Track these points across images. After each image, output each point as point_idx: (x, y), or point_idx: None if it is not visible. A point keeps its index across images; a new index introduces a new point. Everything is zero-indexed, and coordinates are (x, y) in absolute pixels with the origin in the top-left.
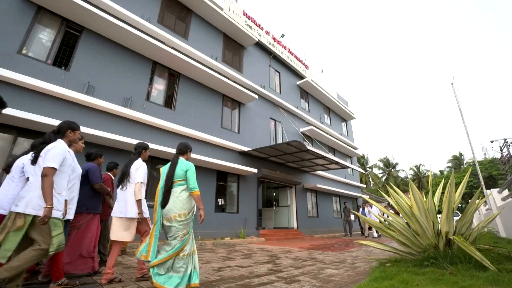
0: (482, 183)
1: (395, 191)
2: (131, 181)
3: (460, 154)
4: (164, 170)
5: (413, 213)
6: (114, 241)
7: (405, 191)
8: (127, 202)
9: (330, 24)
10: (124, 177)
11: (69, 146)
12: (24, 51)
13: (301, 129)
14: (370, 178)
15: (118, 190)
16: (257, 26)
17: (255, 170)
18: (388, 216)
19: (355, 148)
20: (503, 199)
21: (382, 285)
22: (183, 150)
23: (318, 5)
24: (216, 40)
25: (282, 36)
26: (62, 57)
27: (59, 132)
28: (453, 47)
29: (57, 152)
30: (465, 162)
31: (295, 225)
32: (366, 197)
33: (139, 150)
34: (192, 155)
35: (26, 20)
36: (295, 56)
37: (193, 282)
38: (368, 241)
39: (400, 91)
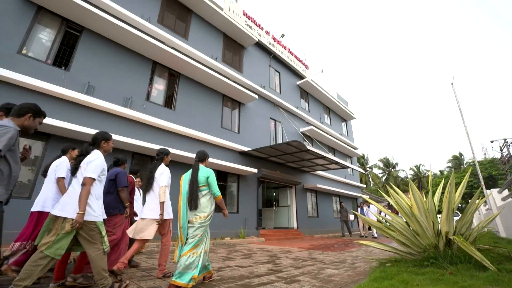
0: (482, 183)
1: (395, 191)
2: (156, 185)
3: (460, 154)
4: (186, 176)
5: (413, 213)
6: (138, 239)
7: (405, 191)
8: (153, 204)
9: (330, 24)
10: (150, 182)
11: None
12: (24, 51)
13: (301, 129)
14: (370, 178)
15: (145, 193)
16: (257, 26)
17: (255, 170)
18: (385, 215)
19: (355, 148)
20: (503, 199)
21: (382, 285)
22: (202, 157)
23: (318, 5)
24: (216, 40)
25: (282, 36)
26: (62, 57)
27: (94, 144)
28: (453, 47)
29: (98, 163)
30: (465, 162)
31: (295, 225)
32: (366, 197)
33: (161, 156)
34: (193, 156)
35: (26, 20)
36: (295, 56)
37: (194, 274)
38: (368, 241)
39: (400, 91)
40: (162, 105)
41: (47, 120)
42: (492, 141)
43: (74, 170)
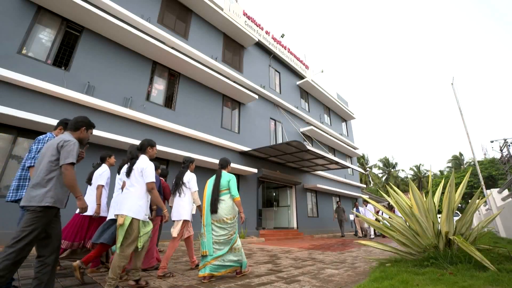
0: (482, 183)
1: (395, 191)
2: (185, 190)
3: (460, 154)
4: (210, 181)
5: (413, 213)
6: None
7: (405, 191)
8: (181, 207)
9: (330, 24)
10: (178, 187)
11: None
12: (24, 51)
13: (301, 129)
14: (370, 178)
15: (174, 197)
16: (257, 26)
17: (255, 170)
18: (382, 213)
19: (355, 148)
20: (503, 199)
21: (382, 285)
22: (224, 164)
23: (318, 5)
24: (216, 40)
25: (282, 36)
26: (62, 57)
27: (141, 149)
28: (453, 47)
29: (152, 169)
30: (465, 162)
31: (295, 225)
32: (366, 197)
33: (187, 164)
34: (192, 155)
35: (26, 20)
36: (295, 56)
37: (244, 270)
38: (368, 241)
39: (400, 91)
40: (162, 105)
41: (47, 120)
42: (492, 141)
43: (128, 172)
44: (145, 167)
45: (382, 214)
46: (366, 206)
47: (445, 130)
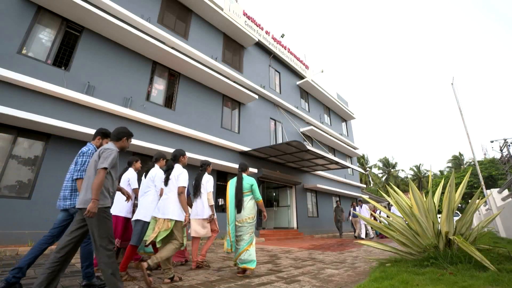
0: (482, 183)
1: (395, 191)
2: (203, 191)
3: (460, 154)
4: (232, 183)
5: (413, 213)
6: (194, 237)
7: (405, 191)
8: (202, 206)
9: (330, 24)
10: (198, 188)
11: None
12: (24, 51)
13: (301, 129)
14: (370, 178)
15: (194, 198)
16: (257, 26)
17: (255, 170)
18: (380, 212)
19: (355, 148)
20: (503, 199)
21: (382, 285)
22: (244, 168)
23: (318, 5)
24: (216, 40)
25: (282, 36)
26: (62, 57)
27: (175, 159)
28: (453, 47)
29: (185, 175)
30: (465, 162)
31: (295, 225)
32: (366, 197)
33: (205, 167)
34: (192, 155)
35: (26, 20)
36: (295, 56)
37: (252, 267)
38: (368, 241)
39: (400, 91)
40: (162, 105)
41: (47, 120)
42: (492, 141)
43: (166, 181)
44: (179, 174)
45: (380, 213)
46: (361, 206)
47: (445, 130)
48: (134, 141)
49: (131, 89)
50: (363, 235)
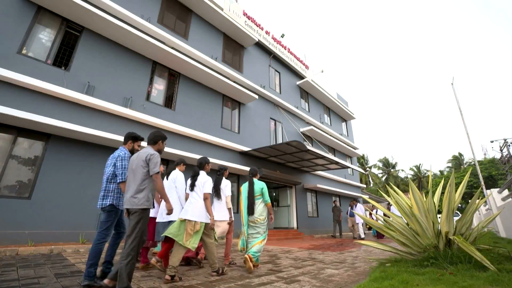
0: (482, 183)
1: (395, 191)
2: (222, 194)
3: (460, 154)
4: (244, 187)
5: (413, 213)
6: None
7: (405, 191)
8: (221, 209)
9: (330, 24)
10: (218, 192)
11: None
12: (24, 51)
13: (301, 129)
14: (370, 178)
15: (214, 200)
16: (257, 26)
17: None
18: (377, 211)
19: (355, 148)
20: (503, 199)
21: (382, 285)
22: (254, 173)
23: (318, 5)
24: (216, 40)
25: (282, 36)
26: (62, 57)
27: (200, 166)
28: (453, 47)
29: (210, 183)
30: (465, 162)
31: (295, 225)
32: (366, 197)
33: (222, 172)
34: (192, 155)
35: (26, 20)
36: (295, 56)
37: (255, 262)
38: (368, 241)
39: (400, 91)
40: (162, 105)
41: (47, 120)
42: (492, 141)
43: (192, 186)
44: (205, 181)
45: (377, 212)
46: (355, 206)
47: (445, 130)
48: None
49: (131, 89)
50: (362, 235)
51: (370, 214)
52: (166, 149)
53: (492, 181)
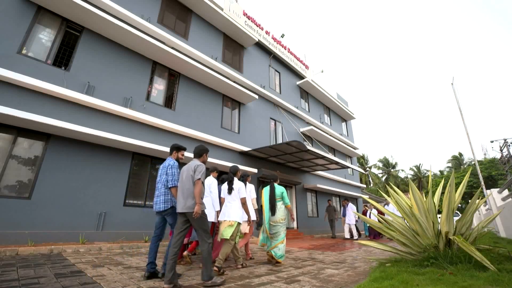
0: (482, 183)
1: (395, 191)
2: (248, 198)
3: (460, 154)
4: (266, 190)
5: (413, 213)
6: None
7: (405, 191)
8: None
9: (330, 24)
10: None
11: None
12: (24, 51)
13: (301, 129)
14: (370, 178)
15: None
16: (257, 26)
17: (255, 170)
18: (371, 210)
19: (355, 148)
20: (503, 199)
21: (382, 285)
22: (275, 178)
23: (318, 5)
24: (216, 40)
25: (282, 36)
26: (62, 57)
27: (234, 173)
28: (453, 47)
29: (244, 188)
30: (465, 162)
31: (295, 225)
32: (366, 197)
33: (245, 178)
34: (191, 155)
35: (26, 20)
36: (295, 56)
37: (280, 260)
38: (368, 241)
39: (400, 91)
40: (162, 105)
41: (47, 120)
42: (492, 141)
43: (229, 191)
44: (239, 187)
45: (371, 210)
46: (347, 205)
47: (445, 130)
48: (134, 141)
49: (131, 89)
50: (355, 236)
51: (365, 212)
52: (165, 149)
53: (492, 181)
